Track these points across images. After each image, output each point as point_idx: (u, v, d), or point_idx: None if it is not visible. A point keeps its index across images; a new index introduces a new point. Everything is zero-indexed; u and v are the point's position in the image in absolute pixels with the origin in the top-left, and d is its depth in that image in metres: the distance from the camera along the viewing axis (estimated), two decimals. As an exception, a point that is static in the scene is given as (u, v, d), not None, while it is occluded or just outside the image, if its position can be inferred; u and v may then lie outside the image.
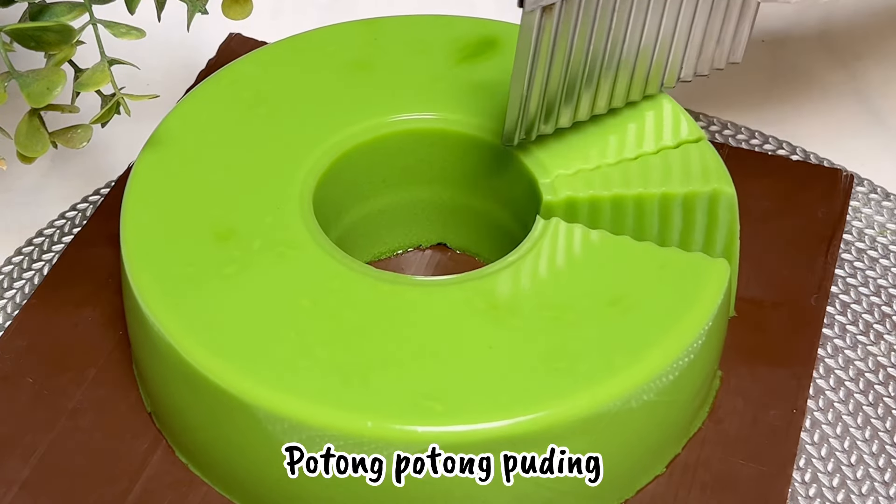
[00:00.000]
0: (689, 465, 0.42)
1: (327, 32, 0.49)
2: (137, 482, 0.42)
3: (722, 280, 0.41)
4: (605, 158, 0.44)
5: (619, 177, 0.43)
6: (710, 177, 0.43)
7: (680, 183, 0.43)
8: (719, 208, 0.43)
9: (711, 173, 0.43)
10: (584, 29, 0.41)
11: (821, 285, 0.47)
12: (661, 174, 0.43)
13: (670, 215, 0.43)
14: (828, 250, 0.48)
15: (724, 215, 0.43)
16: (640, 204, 0.43)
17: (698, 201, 0.43)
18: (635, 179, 0.43)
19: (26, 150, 0.42)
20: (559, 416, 0.38)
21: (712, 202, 0.43)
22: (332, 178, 0.45)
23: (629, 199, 0.43)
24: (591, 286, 0.41)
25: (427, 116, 0.46)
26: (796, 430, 0.43)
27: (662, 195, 0.43)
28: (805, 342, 0.46)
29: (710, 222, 0.43)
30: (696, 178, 0.43)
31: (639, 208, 0.43)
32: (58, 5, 0.43)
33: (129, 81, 0.47)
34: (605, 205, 0.43)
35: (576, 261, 0.42)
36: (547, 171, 0.44)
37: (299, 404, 0.38)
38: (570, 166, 0.44)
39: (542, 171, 0.44)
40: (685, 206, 0.43)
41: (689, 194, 0.43)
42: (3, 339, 0.46)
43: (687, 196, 0.43)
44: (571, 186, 0.43)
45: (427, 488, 0.38)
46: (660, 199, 0.43)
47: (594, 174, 0.44)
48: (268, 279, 0.41)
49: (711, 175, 0.43)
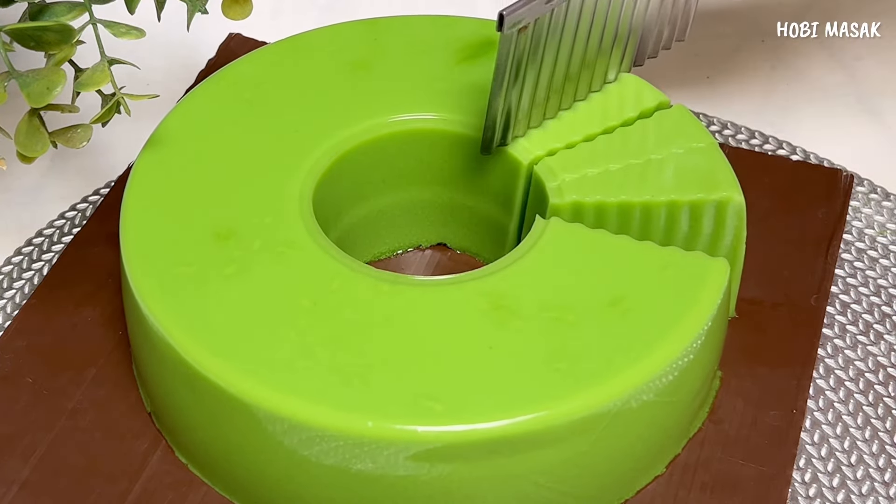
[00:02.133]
0: (689, 466, 0.42)
1: (327, 32, 0.49)
2: (137, 482, 0.42)
3: (722, 279, 0.41)
4: (613, 162, 0.44)
5: (626, 182, 0.43)
6: (719, 183, 0.43)
7: (688, 190, 0.43)
8: (727, 215, 0.43)
9: (720, 179, 0.43)
10: (553, 41, 0.42)
11: (821, 285, 0.47)
12: (669, 180, 0.43)
13: (677, 222, 0.43)
14: (828, 250, 0.48)
15: (732, 222, 0.43)
16: (647, 210, 0.43)
17: (706, 208, 0.43)
18: (643, 185, 0.43)
19: (26, 150, 0.42)
20: (559, 416, 0.38)
21: (720, 209, 0.43)
22: (332, 178, 0.45)
23: (636, 205, 0.43)
24: (591, 287, 0.41)
25: (427, 117, 0.46)
26: (796, 430, 0.43)
27: (670, 202, 0.43)
28: (805, 342, 0.46)
29: (717, 229, 0.43)
30: (705, 184, 0.43)
31: (645, 215, 0.43)
32: (58, 5, 0.43)
33: (129, 81, 0.47)
34: (611, 210, 0.43)
35: (576, 261, 0.41)
36: (554, 174, 0.44)
37: (299, 404, 0.38)
38: (576, 170, 0.44)
39: (549, 174, 0.44)
40: (692, 213, 0.43)
41: (697, 202, 0.43)
42: (3, 339, 0.46)
43: (694, 203, 0.43)
44: (578, 190, 0.43)
45: (427, 488, 0.38)
46: (667, 206, 0.43)
47: (601, 178, 0.43)
48: (268, 279, 0.41)
49: (720, 181, 0.43)
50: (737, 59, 0.59)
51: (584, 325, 0.39)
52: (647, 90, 0.46)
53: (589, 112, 0.45)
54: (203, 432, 0.41)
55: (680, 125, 0.45)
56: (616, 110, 0.45)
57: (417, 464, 0.37)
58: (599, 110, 0.45)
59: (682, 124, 0.45)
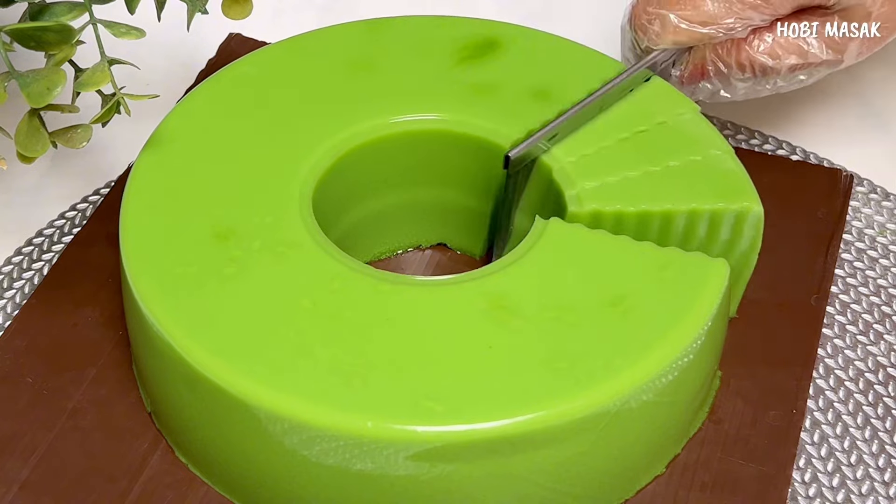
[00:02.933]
0: (688, 466, 0.42)
1: (327, 32, 0.49)
2: (137, 482, 0.42)
3: (721, 280, 0.41)
4: (631, 170, 0.43)
5: (645, 190, 0.43)
6: (739, 193, 0.43)
7: (708, 198, 0.42)
8: (745, 225, 0.43)
9: (740, 189, 0.43)
10: None
11: (821, 285, 0.47)
12: (688, 188, 0.43)
13: (695, 230, 0.43)
14: (828, 250, 0.48)
15: (749, 231, 0.43)
16: (667, 219, 0.43)
17: (725, 217, 0.43)
18: (662, 194, 0.43)
19: (26, 150, 0.42)
20: (559, 416, 0.38)
21: (739, 219, 0.43)
22: (333, 178, 0.45)
23: (656, 214, 0.43)
24: (591, 287, 0.41)
25: (427, 117, 0.46)
26: (796, 430, 0.43)
27: (690, 211, 0.42)
28: (805, 342, 0.46)
29: (734, 237, 0.43)
30: (725, 193, 0.43)
31: (665, 223, 0.43)
32: (58, 5, 0.43)
33: (129, 81, 0.47)
34: (630, 219, 0.43)
35: (575, 261, 0.41)
36: (572, 182, 0.43)
37: (299, 404, 0.38)
38: (595, 178, 0.43)
39: (567, 181, 0.44)
40: (712, 222, 0.43)
41: (718, 211, 0.43)
42: (3, 339, 0.46)
43: (715, 212, 0.42)
44: (597, 198, 0.43)
45: (427, 488, 0.38)
46: (687, 215, 0.43)
47: (619, 186, 0.43)
48: (268, 279, 0.41)
49: (739, 191, 0.43)
50: (737, 59, 0.59)
51: (583, 326, 0.39)
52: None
53: (616, 121, 0.45)
54: (203, 432, 0.41)
55: (697, 130, 0.45)
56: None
57: (417, 464, 0.37)
58: (627, 119, 0.45)
59: (700, 129, 0.45)
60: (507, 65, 0.47)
